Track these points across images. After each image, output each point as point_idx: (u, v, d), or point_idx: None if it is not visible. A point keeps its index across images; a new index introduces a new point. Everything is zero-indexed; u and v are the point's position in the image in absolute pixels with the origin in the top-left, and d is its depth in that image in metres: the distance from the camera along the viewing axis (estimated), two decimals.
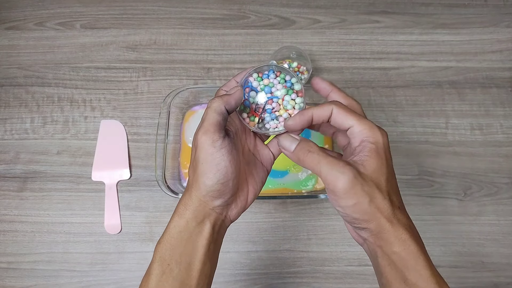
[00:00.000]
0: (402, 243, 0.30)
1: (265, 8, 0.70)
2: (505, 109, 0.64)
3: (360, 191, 0.29)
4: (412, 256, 0.30)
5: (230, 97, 0.33)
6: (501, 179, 0.60)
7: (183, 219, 0.33)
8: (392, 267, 0.31)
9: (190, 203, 0.33)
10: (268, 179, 0.58)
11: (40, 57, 0.67)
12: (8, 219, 0.58)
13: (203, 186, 0.32)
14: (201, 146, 0.32)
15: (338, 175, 0.30)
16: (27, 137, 0.62)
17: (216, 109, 0.32)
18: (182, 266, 0.32)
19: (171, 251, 0.32)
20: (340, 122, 0.32)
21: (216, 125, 0.32)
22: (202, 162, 0.32)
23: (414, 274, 0.30)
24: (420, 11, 0.70)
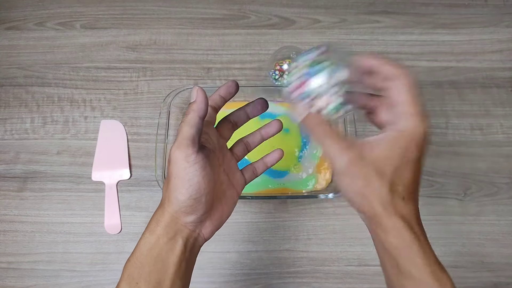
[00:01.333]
0: (396, 231, 0.29)
1: (265, 8, 0.70)
2: (505, 109, 0.64)
3: (356, 173, 0.29)
4: (405, 245, 0.29)
5: (197, 103, 0.32)
6: (501, 179, 0.60)
7: (153, 235, 0.32)
8: (385, 253, 0.30)
9: (162, 219, 0.32)
10: (268, 179, 0.58)
11: (40, 57, 0.67)
12: (8, 219, 0.58)
13: (176, 201, 0.32)
14: (174, 161, 0.31)
15: (336, 153, 0.29)
16: (27, 137, 0.62)
17: (189, 121, 0.31)
18: (151, 285, 0.31)
19: (140, 269, 0.31)
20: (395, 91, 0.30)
21: (189, 139, 0.31)
22: (174, 176, 0.31)
23: (407, 263, 0.29)
24: (420, 11, 0.70)
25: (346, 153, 0.29)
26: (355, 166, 0.29)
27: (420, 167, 0.31)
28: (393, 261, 0.30)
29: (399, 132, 0.29)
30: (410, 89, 0.30)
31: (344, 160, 0.29)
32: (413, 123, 0.29)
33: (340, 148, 0.29)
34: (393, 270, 0.30)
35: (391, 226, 0.29)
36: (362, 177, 0.29)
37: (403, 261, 0.29)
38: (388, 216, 0.29)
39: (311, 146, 0.59)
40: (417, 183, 0.31)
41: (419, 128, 0.30)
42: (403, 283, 0.30)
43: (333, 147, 0.30)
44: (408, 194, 0.30)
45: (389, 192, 0.29)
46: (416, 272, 0.29)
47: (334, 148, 0.30)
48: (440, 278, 0.29)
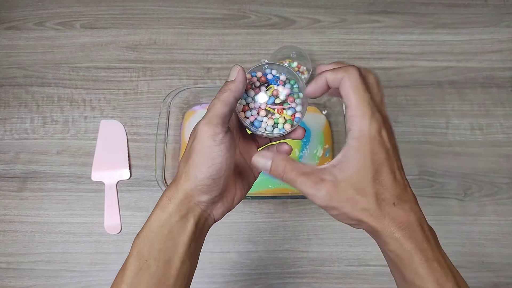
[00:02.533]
0: (395, 242, 0.29)
1: (265, 8, 0.70)
2: (505, 109, 0.63)
3: (339, 201, 0.29)
4: (407, 255, 0.29)
5: (236, 83, 0.31)
6: (501, 179, 0.60)
7: (165, 212, 0.31)
8: (391, 263, 0.30)
9: (175, 196, 0.31)
10: (268, 179, 0.58)
11: (39, 57, 0.67)
12: (8, 219, 0.58)
13: (194, 178, 0.31)
14: (201, 137, 0.30)
15: (313, 193, 0.29)
16: (27, 137, 0.62)
17: (224, 99, 0.30)
18: (161, 263, 0.30)
19: (149, 246, 0.31)
20: (343, 95, 0.29)
21: (221, 117, 0.30)
22: (197, 153, 0.31)
23: (410, 272, 0.29)
24: (420, 11, 0.70)
25: (321, 186, 0.29)
26: (335, 195, 0.29)
27: (394, 164, 0.29)
28: (398, 270, 0.30)
29: (357, 139, 0.28)
30: (354, 91, 0.28)
31: (323, 193, 0.29)
32: (365, 125, 0.28)
33: (313, 184, 0.29)
34: (399, 280, 0.30)
35: (390, 237, 0.29)
36: (345, 201, 0.29)
37: (406, 271, 0.29)
38: (384, 228, 0.29)
39: (311, 146, 0.59)
40: (402, 181, 0.30)
41: (373, 127, 0.28)
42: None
43: (306, 186, 0.29)
44: (397, 198, 0.30)
45: (377, 205, 0.29)
46: (419, 282, 0.28)
47: (308, 186, 0.29)
48: (443, 286, 0.28)
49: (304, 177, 0.30)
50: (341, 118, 0.57)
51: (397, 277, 0.31)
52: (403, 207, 0.30)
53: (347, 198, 0.29)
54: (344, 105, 0.30)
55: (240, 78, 0.31)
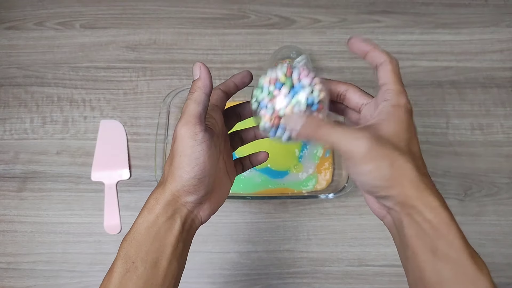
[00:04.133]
0: (432, 210, 0.28)
1: (265, 7, 0.70)
2: (506, 109, 0.63)
3: (379, 154, 0.27)
4: (444, 225, 0.27)
5: (201, 79, 0.31)
6: (501, 179, 0.59)
7: (152, 214, 0.31)
8: (420, 236, 0.28)
9: (162, 197, 0.31)
10: (268, 179, 0.58)
11: (39, 57, 0.67)
12: (8, 219, 0.58)
13: (179, 179, 0.31)
14: (181, 138, 0.31)
15: (352, 141, 0.28)
16: (26, 137, 0.62)
17: (195, 99, 0.31)
18: (148, 265, 0.30)
19: (136, 248, 0.30)
20: (382, 75, 0.31)
21: (197, 117, 0.30)
22: (180, 154, 0.31)
23: (445, 244, 0.27)
24: (420, 11, 0.70)
25: (363, 136, 0.28)
26: (375, 146, 0.28)
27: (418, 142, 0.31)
28: (428, 244, 0.28)
29: (395, 107, 0.30)
30: (394, 73, 0.31)
31: (364, 143, 0.27)
32: (402, 99, 0.30)
33: (354, 135, 0.28)
34: (427, 256, 0.28)
35: (427, 205, 0.28)
36: (385, 156, 0.28)
37: (441, 243, 0.27)
38: (422, 194, 0.28)
39: (311, 146, 0.59)
40: None
41: (408, 104, 0.30)
42: (438, 267, 0.27)
43: (345, 137, 0.28)
44: (425, 168, 0.30)
45: (415, 168, 0.28)
46: (454, 254, 0.27)
47: (348, 137, 0.28)
48: (477, 261, 0.27)
49: (342, 128, 0.29)
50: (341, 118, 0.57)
51: (422, 254, 0.28)
52: (430, 178, 0.29)
53: (387, 153, 0.28)
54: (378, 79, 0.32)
55: (204, 74, 0.32)
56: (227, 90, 0.36)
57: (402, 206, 0.29)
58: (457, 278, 0.27)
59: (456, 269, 0.27)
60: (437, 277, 0.27)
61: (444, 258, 0.27)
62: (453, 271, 0.27)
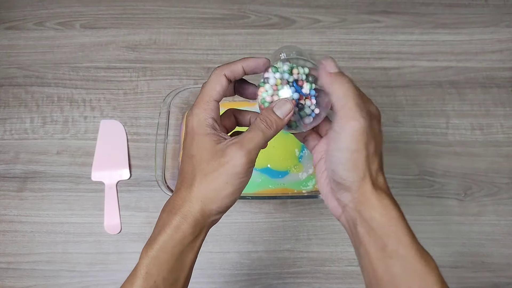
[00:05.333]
0: (383, 208, 0.29)
1: (265, 7, 0.70)
2: (506, 109, 0.63)
3: (364, 142, 0.30)
4: (393, 222, 0.29)
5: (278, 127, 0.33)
6: (501, 179, 0.59)
7: (179, 233, 0.30)
8: (371, 234, 0.30)
9: (190, 216, 0.30)
10: (268, 179, 0.58)
11: (39, 57, 0.67)
12: (8, 219, 0.58)
13: (219, 202, 0.31)
14: (236, 165, 0.30)
15: (358, 116, 0.30)
16: (26, 137, 0.62)
17: (265, 132, 0.32)
18: (168, 283, 0.30)
19: (159, 266, 0.30)
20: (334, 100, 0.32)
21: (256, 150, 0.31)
22: (226, 181, 0.30)
23: (394, 241, 0.29)
24: (420, 11, 0.70)
25: (364, 118, 0.30)
26: (366, 133, 0.30)
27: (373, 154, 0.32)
28: (379, 241, 0.29)
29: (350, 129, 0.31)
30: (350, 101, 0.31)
31: (362, 124, 0.30)
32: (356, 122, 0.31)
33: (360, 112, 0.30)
34: (377, 252, 0.30)
35: (379, 202, 0.30)
36: (366, 147, 0.30)
37: (389, 240, 0.29)
38: (377, 192, 0.30)
39: None
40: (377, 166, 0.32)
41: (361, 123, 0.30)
42: (388, 263, 0.29)
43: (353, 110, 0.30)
44: (382, 168, 0.32)
45: (378, 165, 0.31)
46: (402, 251, 0.29)
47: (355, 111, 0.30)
48: (425, 256, 0.29)
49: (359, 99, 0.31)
50: None
51: (373, 251, 0.30)
52: (384, 177, 0.32)
53: (369, 144, 0.30)
54: None
55: (288, 119, 0.33)
56: (232, 76, 0.36)
57: (356, 202, 0.31)
58: (405, 273, 0.28)
59: (405, 265, 0.28)
60: (388, 273, 0.29)
61: (393, 254, 0.29)
62: (402, 267, 0.28)
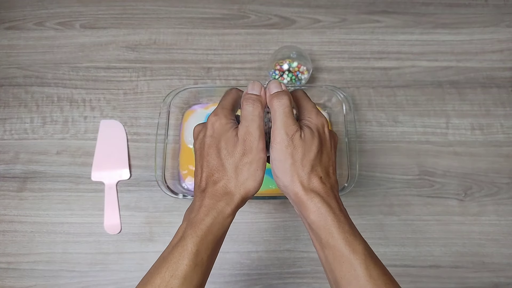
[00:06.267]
0: (314, 207, 0.34)
1: (265, 7, 0.70)
2: (506, 109, 0.63)
3: (289, 153, 0.35)
4: (322, 217, 0.33)
5: (263, 102, 0.37)
6: (501, 179, 0.59)
7: (224, 217, 0.35)
8: (311, 229, 0.35)
9: (232, 202, 0.35)
10: (269, 179, 0.57)
11: (39, 57, 0.67)
12: (8, 219, 0.58)
13: (253, 189, 0.36)
14: (259, 153, 0.36)
15: (282, 133, 0.35)
16: (26, 137, 0.62)
17: (262, 116, 0.36)
18: (210, 261, 0.34)
19: (206, 245, 0.33)
20: None
21: (263, 134, 0.36)
22: (257, 168, 0.36)
23: (325, 234, 0.33)
24: (420, 11, 0.70)
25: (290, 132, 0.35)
26: (290, 145, 0.35)
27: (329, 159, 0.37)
28: (316, 236, 0.34)
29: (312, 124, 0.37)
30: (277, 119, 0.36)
31: (283, 137, 0.35)
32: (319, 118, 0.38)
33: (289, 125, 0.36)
34: (318, 245, 0.35)
35: (310, 202, 0.34)
36: (290, 155, 0.35)
37: (322, 233, 0.33)
38: (306, 193, 0.34)
39: None
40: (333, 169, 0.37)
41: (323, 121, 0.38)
42: (325, 254, 0.34)
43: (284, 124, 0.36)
44: (325, 176, 0.36)
45: (308, 172, 0.35)
46: (332, 241, 0.33)
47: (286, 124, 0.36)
48: (352, 243, 0.33)
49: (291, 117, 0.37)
50: (341, 118, 0.57)
51: (316, 245, 0.35)
52: (326, 183, 0.36)
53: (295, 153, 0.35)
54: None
55: (264, 94, 0.37)
56: None
57: (296, 204, 0.36)
58: (336, 259, 0.33)
59: (335, 253, 0.33)
60: (326, 261, 0.34)
61: (326, 245, 0.33)
62: (333, 255, 0.33)
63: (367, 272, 0.32)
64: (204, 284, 0.34)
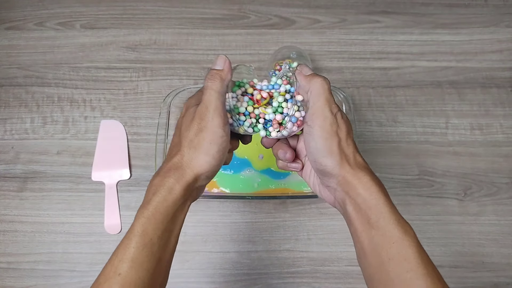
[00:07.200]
0: (363, 185, 0.33)
1: (265, 8, 0.70)
2: (505, 109, 0.64)
3: (334, 131, 0.34)
4: (373, 196, 0.32)
5: (226, 72, 0.35)
6: (501, 179, 0.60)
7: (172, 195, 0.32)
8: (357, 210, 0.33)
9: (184, 179, 0.33)
10: (270, 180, 0.58)
11: (40, 57, 0.67)
12: (8, 219, 0.58)
13: (206, 165, 0.33)
14: (212, 126, 0.33)
15: (326, 111, 0.34)
16: (27, 137, 0.62)
17: (220, 90, 0.34)
18: (162, 242, 0.32)
19: (155, 225, 0.32)
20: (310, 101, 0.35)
21: (224, 108, 0.34)
22: (211, 142, 0.33)
23: (376, 214, 0.32)
24: (420, 11, 0.70)
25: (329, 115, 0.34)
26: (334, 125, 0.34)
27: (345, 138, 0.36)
28: (364, 216, 0.33)
29: None
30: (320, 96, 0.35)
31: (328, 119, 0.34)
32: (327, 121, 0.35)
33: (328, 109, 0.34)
34: (363, 226, 0.33)
35: (360, 180, 0.33)
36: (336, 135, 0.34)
37: (372, 213, 0.32)
38: (356, 171, 0.33)
39: None
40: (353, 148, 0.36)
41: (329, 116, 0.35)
42: (371, 234, 0.32)
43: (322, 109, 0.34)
44: (357, 147, 0.35)
45: (353, 148, 0.34)
46: (383, 222, 0.32)
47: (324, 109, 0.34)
48: (402, 224, 0.32)
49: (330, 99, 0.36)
50: None
51: (360, 226, 0.33)
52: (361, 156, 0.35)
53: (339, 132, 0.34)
54: None
55: (228, 68, 0.36)
56: None
57: (342, 185, 0.34)
58: (385, 240, 0.32)
59: (385, 234, 0.32)
60: (372, 243, 0.32)
61: (375, 226, 0.32)
62: (382, 236, 0.32)
63: (419, 255, 0.31)
64: (162, 267, 0.33)
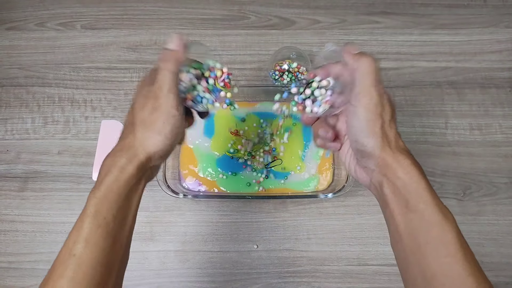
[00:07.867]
0: (404, 169, 0.32)
1: (265, 8, 0.70)
2: (504, 109, 0.64)
3: (379, 113, 0.33)
4: (414, 180, 0.32)
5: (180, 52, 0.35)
6: (500, 179, 0.60)
7: (125, 174, 0.32)
8: (396, 193, 0.33)
9: (136, 159, 0.33)
10: (271, 180, 0.58)
11: (40, 57, 0.67)
12: (9, 219, 0.58)
13: (159, 144, 0.33)
14: (166, 106, 0.32)
15: (372, 91, 0.33)
16: (28, 137, 0.62)
17: (174, 70, 0.33)
18: (117, 221, 0.32)
19: (108, 205, 0.31)
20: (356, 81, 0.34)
21: (177, 87, 0.33)
22: (164, 121, 0.33)
23: (415, 197, 0.32)
24: (419, 12, 0.70)
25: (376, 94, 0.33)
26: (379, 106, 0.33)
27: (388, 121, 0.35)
28: (402, 198, 0.32)
29: None
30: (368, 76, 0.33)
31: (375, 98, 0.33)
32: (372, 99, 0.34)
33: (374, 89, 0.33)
34: (400, 209, 0.33)
35: (400, 163, 0.32)
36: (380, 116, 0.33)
37: (412, 197, 0.32)
38: (396, 154, 0.33)
39: (312, 146, 0.59)
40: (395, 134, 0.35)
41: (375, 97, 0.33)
42: (409, 217, 0.32)
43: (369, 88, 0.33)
44: (397, 132, 0.35)
45: (395, 131, 0.34)
46: (423, 205, 0.31)
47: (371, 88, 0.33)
48: (443, 209, 0.32)
49: None
50: None
51: (397, 209, 0.33)
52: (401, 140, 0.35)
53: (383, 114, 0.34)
54: None
55: (182, 48, 0.35)
56: None
57: (381, 166, 0.33)
58: (424, 224, 0.31)
59: (423, 217, 0.31)
60: (409, 227, 0.32)
61: (413, 209, 0.32)
62: (421, 220, 0.31)
63: (458, 241, 0.31)
64: (120, 246, 0.32)
